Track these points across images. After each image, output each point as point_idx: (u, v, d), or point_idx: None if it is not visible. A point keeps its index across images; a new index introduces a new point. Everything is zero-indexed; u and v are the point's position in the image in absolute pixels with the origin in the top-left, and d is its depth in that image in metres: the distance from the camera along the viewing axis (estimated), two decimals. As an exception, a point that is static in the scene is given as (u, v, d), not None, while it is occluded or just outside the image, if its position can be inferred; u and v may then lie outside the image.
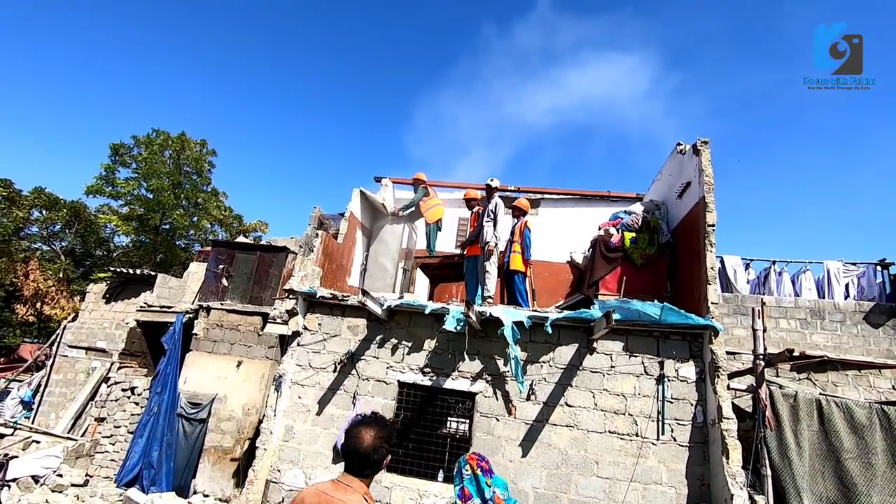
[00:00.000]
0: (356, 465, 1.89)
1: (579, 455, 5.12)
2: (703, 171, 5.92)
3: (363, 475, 1.90)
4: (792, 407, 4.92)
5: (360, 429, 1.92)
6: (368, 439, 1.88)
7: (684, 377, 5.22)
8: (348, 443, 1.90)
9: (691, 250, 6.06)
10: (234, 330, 8.19)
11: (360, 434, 1.89)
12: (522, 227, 7.04)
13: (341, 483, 1.85)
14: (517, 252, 6.90)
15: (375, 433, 1.90)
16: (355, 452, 1.87)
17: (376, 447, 1.88)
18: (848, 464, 4.61)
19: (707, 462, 4.88)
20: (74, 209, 19.78)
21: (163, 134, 19.37)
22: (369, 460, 1.87)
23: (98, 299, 12.03)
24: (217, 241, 13.73)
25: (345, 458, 1.91)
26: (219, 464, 7.34)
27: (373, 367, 5.85)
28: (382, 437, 1.92)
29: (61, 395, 11.03)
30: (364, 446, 1.86)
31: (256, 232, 22.76)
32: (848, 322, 8.01)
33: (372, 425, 1.93)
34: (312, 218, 8.35)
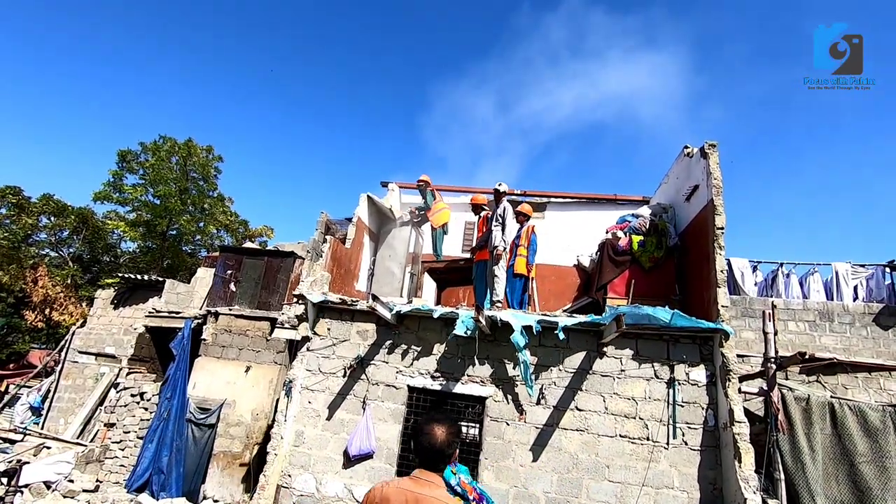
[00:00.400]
0: (432, 461, 1.97)
1: (590, 459, 5.12)
2: (711, 174, 5.92)
3: (438, 469, 1.97)
4: (804, 410, 4.90)
5: (432, 426, 2.01)
6: (442, 435, 1.97)
7: (695, 381, 5.20)
8: (422, 440, 1.98)
9: (700, 253, 6.05)
10: (243, 335, 8.22)
11: (434, 431, 1.99)
12: (529, 232, 7.09)
13: (420, 479, 1.92)
14: (522, 256, 6.94)
15: (447, 429, 2.00)
16: (431, 448, 1.96)
17: (450, 442, 1.98)
18: (862, 467, 4.59)
19: (719, 466, 4.86)
20: (82, 215, 19.92)
21: (170, 140, 19.49)
22: (444, 455, 1.97)
23: (106, 305, 12.11)
24: (225, 246, 13.81)
25: (420, 454, 1.98)
26: (228, 469, 7.37)
27: (382, 372, 5.87)
28: (453, 432, 2.02)
29: (70, 401, 11.09)
30: (439, 442, 1.96)
31: (262, 237, 22.86)
32: (857, 324, 7.97)
33: (443, 422, 2.03)
34: (320, 223, 8.39)
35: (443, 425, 2.01)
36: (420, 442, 1.99)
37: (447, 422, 2.04)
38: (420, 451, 1.98)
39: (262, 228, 23.12)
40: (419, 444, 1.99)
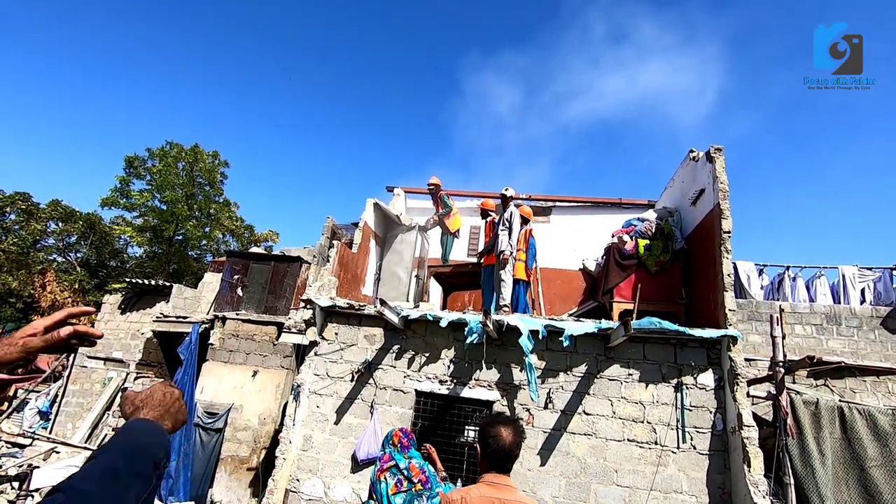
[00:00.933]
0: (504, 463, 1.95)
1: (598, 463, 5.11)
2: (717, 178, 5.93)
3: (507, 471, 1.95)
4: (813, 414, 4.88)
5: (499, 428, 1.98)
6: (510, 437, 1.96)
7: (703, 385, 5.20)
8: (491, 442, 1.95)
9: (706, 257, 6.06)
10: (250, 340, 8.27)
11: (502, 433, 1.96)
12: (527, 236, 7.07)
13: (498, 484, 1.88)
14: (521, 261, 6.93)
15: (514, 429, 1.99)
16: (502, 451, 1.94)
17: (518, 443, 1.97)
18: (872, 472, 4.57)
19: (727, 470, 4.85)
20: (90, 221, 20.11)
21: (176, 146, 19.68)
22: (513, 456, 1.95)
23: (114, 310, 12.20)
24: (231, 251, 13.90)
25: (490, 457, 1.95)
26: (235, 473, 7.40)
27: (390, 377, 5.89)
28: (519, 431, 2.01)
29: (78, 406, 11.16)
30: (510, 444, 1.94)
31: (267, 242, 22.98)
32: (865, 327, 7.94)
33: (508, 423, 2.01)
34: (326, 228, 8.46)
35: (509, 427, 1.99)
36: (489, 445, 1.96)
37: (513, 423, 2.02)
38: (490, 454, 1.95)
39: (268, 233, 23.25)
40: (489, 448, 1.96)
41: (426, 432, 5.64)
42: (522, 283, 6.91)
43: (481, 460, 1.99)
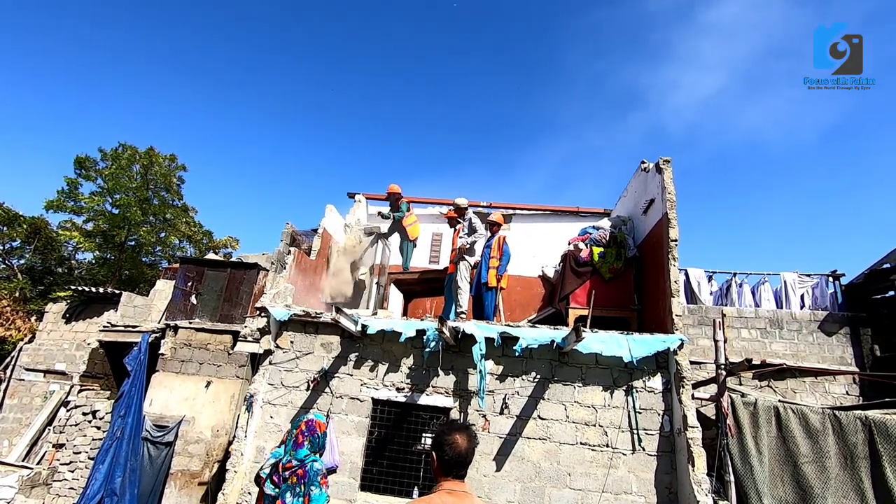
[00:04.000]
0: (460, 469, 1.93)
1: (552, 467, 5.20)
2: (665, 189, 6.19)
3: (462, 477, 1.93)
4: (752, 414, 5.13)
5: (454, 435, 1.97)
6: (466, 443, 1.95)
7: (652, 388, 5.38)
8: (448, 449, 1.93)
9: (656, 264, 6.29)
10: (203, 349, 8.00)
11: (457, 440, 1.95)
12: (501, 242, 7.10)
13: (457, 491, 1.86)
14: (493, 268, 6.96)
15: (468, 436, 1.98)
16: (458, 457, 1.92)
17: (472, 449, 1.96)
18: (804, 468, 4.84)
19: (674, 470, 5.03)
20: (34, 225, 18.99)
21: (130, 148, 18.87)
22: (468, 462, 1.95)
23: (57, 319, 11.55)
24: (185, 257, 13.41)
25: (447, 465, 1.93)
26: (186, 488, 7.11)
27: (346, 385, 5.82)
28: (472, 437, 2.00)
29: (16, 421, 10.48)
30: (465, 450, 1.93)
31: (227, 248, 22.31)
32: (804, 331, 8.39)
33: (462, 430, 2.00)
34: (285, 234, 8.30)
35: (463, 433, 1.98)
36: (446, 452, 1.94)
37: (465, 429, 2.02)
38: (447, 462, 1.93)
39: (227, 239, 22.56)
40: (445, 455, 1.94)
41: (383, 440, 5.59)
42: (493, 289, 6.92)
43: (437, 468, 1.98)
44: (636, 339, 5.36)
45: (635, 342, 5.29)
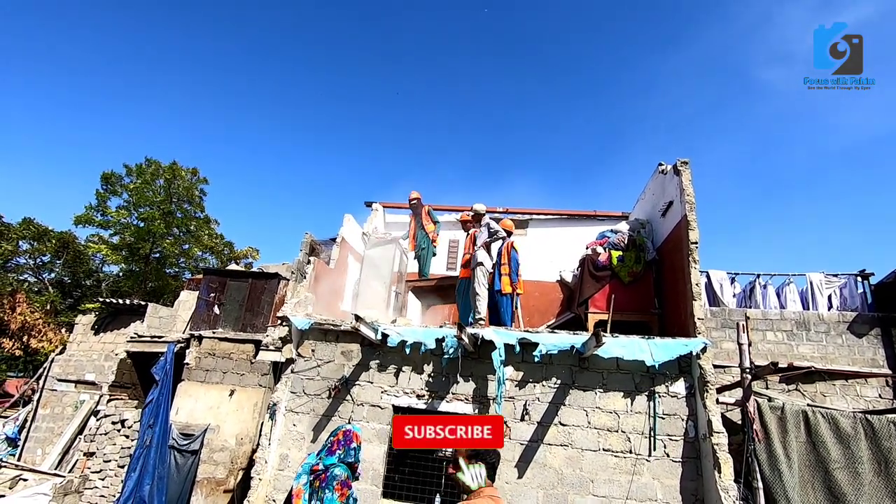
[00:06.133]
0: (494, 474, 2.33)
1: (575, 474, 5.15)
2: (684, 191, 6.12)
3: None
4: (780, 419, 5.01)
5: None
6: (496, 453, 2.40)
7: (675, 393, 5.30)
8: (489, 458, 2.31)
9: (676, 267, 6.22)
10: (227, 358, 8.15)
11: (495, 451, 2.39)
12: (509, 249, 7.14)
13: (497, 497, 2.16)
14: (506, 275, 6.99)
15: None
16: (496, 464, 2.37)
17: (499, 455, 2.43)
18: (836, 474, 4.70)
19: (700, 477, 4.93)
20: (63, 240, 19.67)
21: (154, 163, 19.45)
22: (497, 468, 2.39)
23: (87, 331, 11.91)
24: (208, 269, 13.72)
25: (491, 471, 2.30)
26: (212, 496, 7.23)
27: (367, 392, 5.87)
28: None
29: (48, 431, 10.81)
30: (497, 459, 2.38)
31: (247, 258, 22.72)
32: (832, 332, 8.16)
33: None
34: (304, 244, 8.43)
35: None
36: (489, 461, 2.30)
37: None
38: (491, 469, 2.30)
39: (248, 250, 23.00)
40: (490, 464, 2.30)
41: (404, 448, 5.61)
42: (508, 296, 6.93)
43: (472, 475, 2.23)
44: (658, 343, 5.30)
45: (657, 346, 5.23)
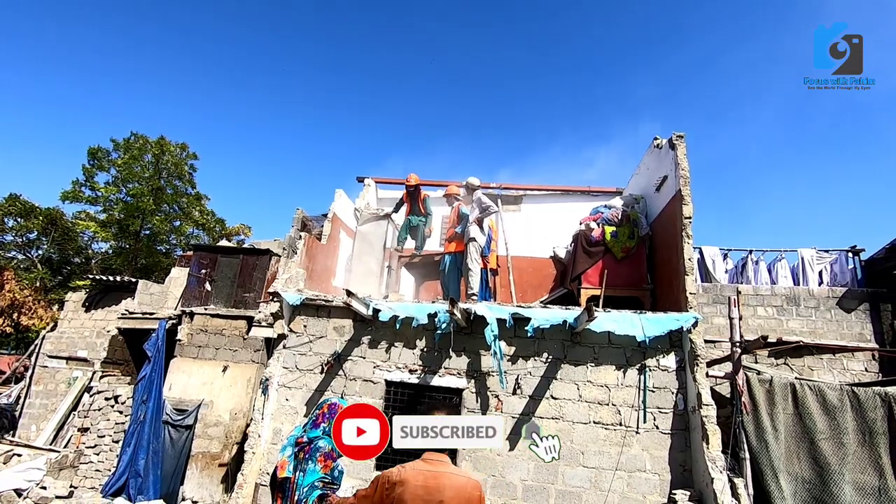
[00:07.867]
0: None
1: (565, 446, 5.22)
2: (679, 165, 6.05)
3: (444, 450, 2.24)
4: (768, 391, 5.07)
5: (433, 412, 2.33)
6: None
7: (665, 366, 5.34)
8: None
9: (669, 242, 6.19)
10: (219, 334, 8.12)
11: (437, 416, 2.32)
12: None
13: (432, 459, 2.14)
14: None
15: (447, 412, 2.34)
16: None
17: None
18: (821, 444, 4.79)
19: (688, 448, 5.02)
20: (51, 216, 19.35)
21: (142, 138, 19.04)
22: None
23: (77, 308, 11.81)
24: (199, 245, 13.58)
25: None
26: (207, 470, 7.30)
27: (360, 367, 5.87)
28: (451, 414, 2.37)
29: (42, 407, 10.82)
30: None
31: (239, 235, 22.53)
32: (822, 308, 8.24)
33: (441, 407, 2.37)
34: (295, 220, 8.32)
35: (442, 410, 2.34)
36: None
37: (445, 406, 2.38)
38: None
39: (240, 227, 22.79)
40: None
41: (397, 422, 5.65)
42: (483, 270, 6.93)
43: None
44: (649, 318, 5.31)
45: (648, 321, 5.24)
